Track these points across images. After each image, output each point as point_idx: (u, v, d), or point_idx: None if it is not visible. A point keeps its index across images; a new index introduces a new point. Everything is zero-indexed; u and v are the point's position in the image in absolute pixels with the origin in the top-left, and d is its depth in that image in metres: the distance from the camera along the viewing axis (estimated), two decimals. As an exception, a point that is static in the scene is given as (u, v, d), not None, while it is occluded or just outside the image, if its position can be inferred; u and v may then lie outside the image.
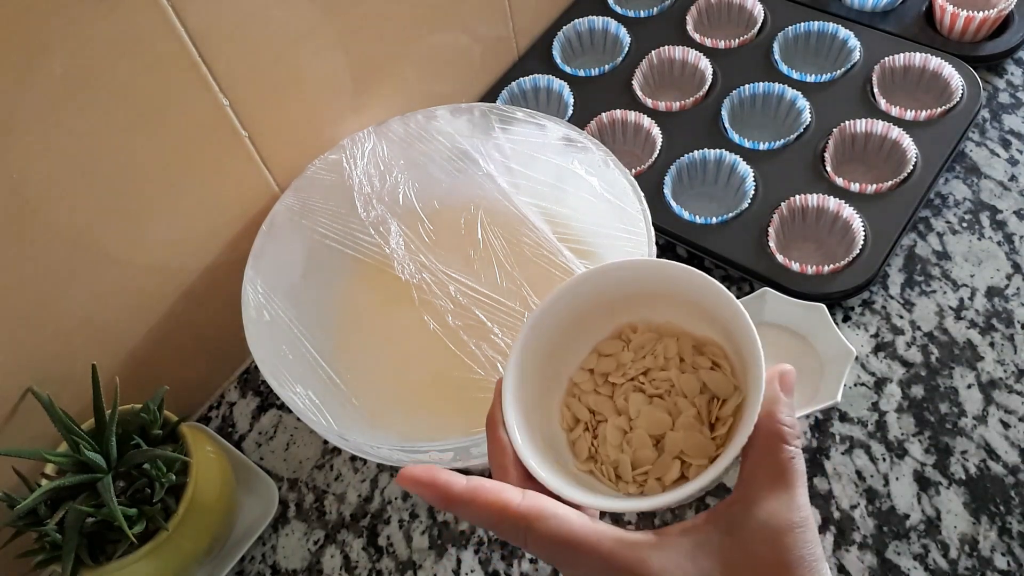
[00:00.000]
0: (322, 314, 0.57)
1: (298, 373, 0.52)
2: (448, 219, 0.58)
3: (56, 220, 0.48)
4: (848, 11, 0.77)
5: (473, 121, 0.61)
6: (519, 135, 0.60)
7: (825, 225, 0.64)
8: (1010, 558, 0.50)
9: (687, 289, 0.37)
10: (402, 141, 0.61)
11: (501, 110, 0.60)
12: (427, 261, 0.55)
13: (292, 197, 0.59)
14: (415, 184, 0.59)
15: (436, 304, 0.53)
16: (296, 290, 0.57)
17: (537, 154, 0.59)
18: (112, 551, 0.49)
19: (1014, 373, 0.57)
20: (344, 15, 0.59)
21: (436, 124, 0.61)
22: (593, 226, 0.56)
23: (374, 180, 0.59)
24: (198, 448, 0.52)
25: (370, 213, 0.58)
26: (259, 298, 0.55)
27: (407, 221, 0.58)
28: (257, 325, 0.54)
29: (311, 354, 0.54)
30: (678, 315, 0.38)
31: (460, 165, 0.60)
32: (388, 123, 0.61)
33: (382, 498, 0.59)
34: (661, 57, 0.76)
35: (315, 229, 0.58)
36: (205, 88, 0.52)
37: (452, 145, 0.61)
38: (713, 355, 0.37)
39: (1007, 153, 0.68)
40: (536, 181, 0.59)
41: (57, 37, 0.43)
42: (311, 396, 0.50)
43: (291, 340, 0.54)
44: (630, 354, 0.38)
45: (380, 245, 0.56)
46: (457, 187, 0.60)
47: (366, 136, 0.61)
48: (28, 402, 0.51)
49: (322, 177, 0.60)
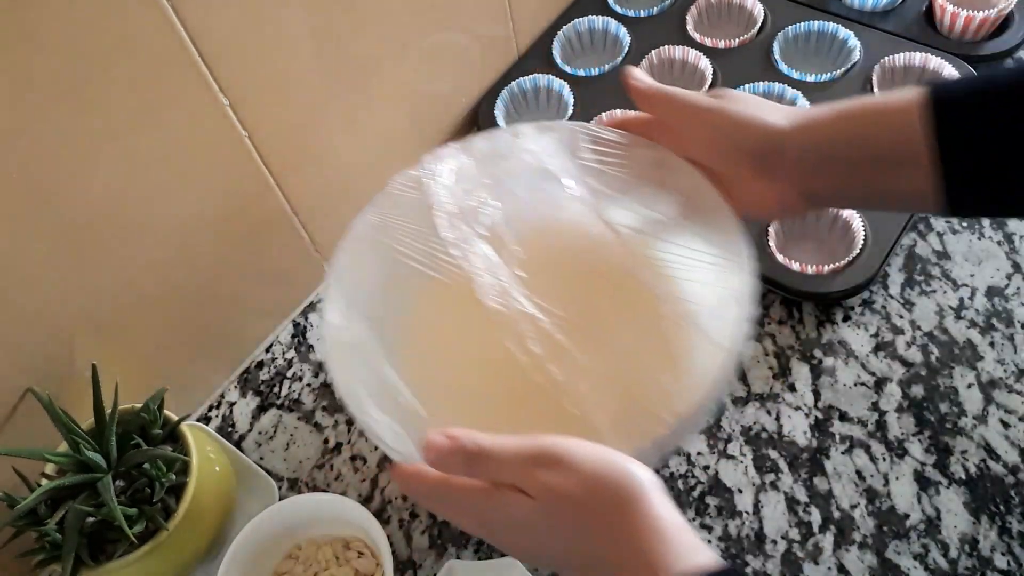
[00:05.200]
0: (402, 336, 0.54)
1: (378, 398, 0.49)
2: (533, 242, 0.54)
3: (56, 220, 0.48)
4: (848, 11, 0.77)
5: (560, 140, 0.57)
6: (608, 157, 0.56)
7: (825, 224, 0.64)
8: (1010, 558, 0.50)
9: (331, 510, 0.55)
10: (486, 159, 0.57)
11: (590, 129, 0.56)
12: (510, 286, 0.52)
13: (372, 212, 0.56)
14: (499, 204, 0.56)
15: (520, 331, 0.50)
16: (376, 310, 0.54)
17: (626, 177, 0.55)
18: (112, 551, 0.49)
19: (1014, 373, 0.57)
20: (344, 15, 0.59)
21: (521, 142, 0.58)
22: (685, 253, 0.53)
23: (457, 199, 0.56)
24: (198, 448, 0.52)
25: (452, 233, 0.55)
26: (339, 317, 0.52)
27: (490, 243, 0.54)
28: (338, 344, 0.51)
29: (392, 379, 0.50)
30: (331, 527, 0.56)
31: (546, 186, 0.56)
32: (471, 139, 0.58)
33: (382, 498, 0.59)
34: (661, 57, 0.76)
35: (395, 247, 0.55)
36: (204, 87, 0.52)
37: (538, 164, 0.57)
38: (358, 547, 0.55)
39: (1007, 153, 0.68)
40: (625, 205, 0.55)
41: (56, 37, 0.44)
42: (392, 424, 0.47)
43: (371, 363, 0.51)
44: (301, 566, 0.55)
45: (462, 267, 0.53)
46: (543, 209, 0.56)
47: (449, 152, 0.58)
48: (28, 402, 0.51)
49: (403, 193, 0.57)
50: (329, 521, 0.56)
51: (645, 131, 0.53)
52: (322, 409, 0.64)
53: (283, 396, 0.65)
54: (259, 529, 0.53)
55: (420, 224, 0.56)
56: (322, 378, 0.66)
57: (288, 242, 0.65)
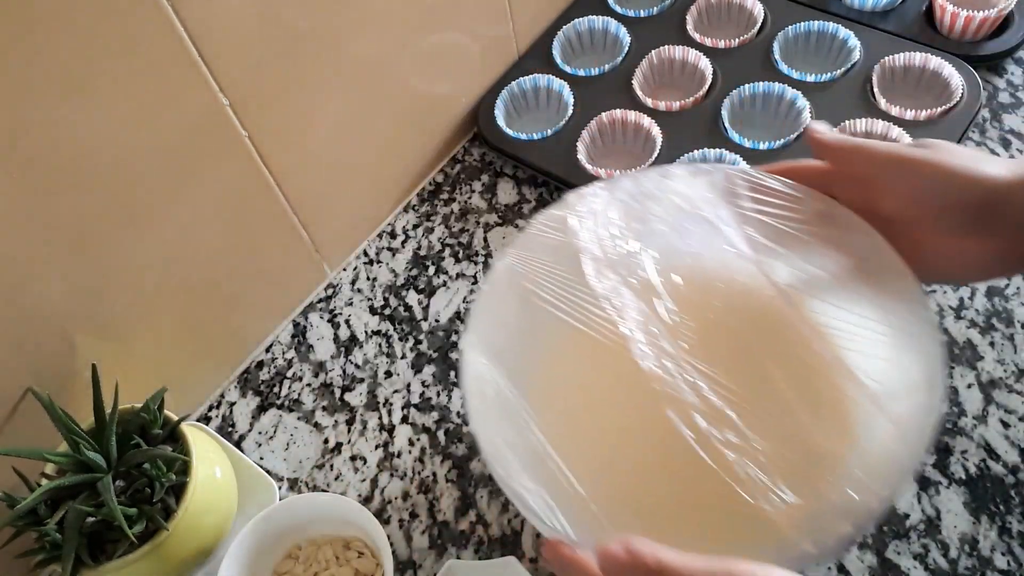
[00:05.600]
0: (544, 392, 0.49)
1: (526, 463, 0.45)
2: (691, 299, 0.49)
3: (56, 220, 0.48)
4: (848, 11, 0.77)
5: (714, 183, 0.52)
6: (770, 207, 0.51)
7: None
8: (1010, 557, 0.51)
9: (331, 510, 0.55)
10: (633, 200, 0.53)
11: (749, 175, 0.51)
12: (669, 347, 0.47)
13: (513, 255, 0.52)
14: (652, 253, 0.50)
15: (683, 401, 0.45)
16: (519, 364, 0.49)
17: (792, 231, 0.50)
18: (112, 551, 0.49)
19: (1014, 373, 0.57)
20: (344, 15, 0.59)
21: (672, 184, 0.52)
22: (862, 323, 0.47)
23: (604, 244, 0.51)
24: (198, 448, 0.52)
25: (602, 282, 0.49)
26: (481, 368, 0.48)
27: (644, 296, 0.49)
28: (481, 399, 0.47)
29: (540, 442, 0.46)
30: (331, 527, 0.56)
31: (702, 235, 0.51)
32: (618, 179, 0.54)
33: (382, 497, 0.59)
34: (661, 57, 0.76)
35: (539, 294, 0.51)
36: (204, 87, 0.52)
37: (692, 210, 0.51)
38: (358, 547, 0.55)
39: (1007, 153, 0.68)
40: (790, 261, 0.49)
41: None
42: (544, 495, 0.43)
43: (516, 422, 0.46)
44: (301, 566, 0.55)
45: (614, 322, 0.48)
46: (699, 260, 0.50)
47: (594, 192, 0.53)
48: (28, 402, 0.51)
49: (546, 236, 0.52)
50: (329, 521, 0.56)
51: (819, 182, 0.48)
52: (322, 409, 0.64)
53: (283, 396, 0.65)
54: (259, 529, 0.53)
55: (565, 269, 0.51)
56: (322, 378, 0.66)
57: (288, 242, 0.65)
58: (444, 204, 0.74)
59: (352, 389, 0.65)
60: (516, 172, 0.76)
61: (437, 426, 0.62)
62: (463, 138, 0.78)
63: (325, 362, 0.67)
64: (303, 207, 0.64)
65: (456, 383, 0.64)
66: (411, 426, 0.62)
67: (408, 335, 0.67)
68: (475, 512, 0.57)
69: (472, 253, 0.71)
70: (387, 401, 0.64)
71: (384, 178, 0.72)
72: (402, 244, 0.72)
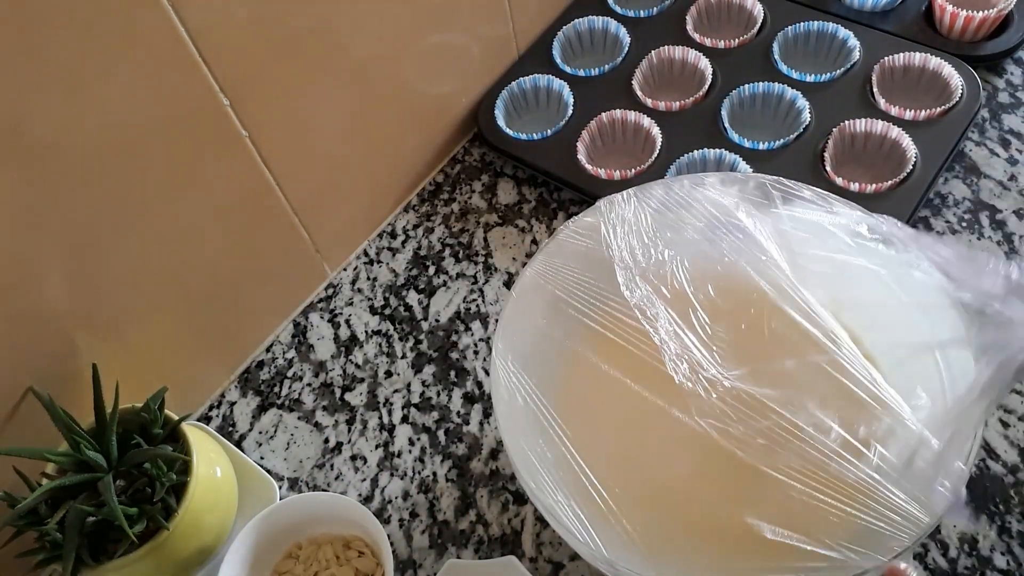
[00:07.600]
0: (579, 407, 0.49)
1: (557, 477, 0.44)
2: (726, 310, 0.48)
3: (56, 220, 0.48)
4: (848, 11, 0.77)
5: (746, 192, 0.51)
6: (805, 217, 0.50)
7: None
8: (1010, 557, 0.51)
9: (331, 510, 0.55)
10: (665, 208, 0.52)
11: (783, 185, 0.51)
12: (704, 360, 0.46)
13: (542, 262, 0.52)
14: (684, 263, 0.50)
15: (717, 415, 0.44)
16: (549, 375, 0.49)
17: (828, 243, 0.49)
18: (113, 550, 0.49)
19: (1014, 372, 0.57)
20: (344, 15, 0.59)
21: (704, 192, 0.52)
22: (899, 339, 0.48)
23: (636, 253, 0.50)
24: (199, 447, 0.52)
25: (634, 292, 0.49)
26: (511, 378, 0.48)
27: (676, 307, 0.48)
28: (509, 408, 0.47)
29: (573, 457, 0.45)
30: (331, 527, 0.56)
31: (735, 245, 0.50)
32: (648, 187, 0.53)
33: (382, 497, 0.59)
34: (661, 57, 0.76)
35: (570, 303, 0.51)
36: (204, 87, 0.52)
37: (725, 219, 0.51)
38: (358, 547, 0.55)
39: (1007, 153, 0.68)
40: (826, 276, 0.49)
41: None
42: (576, 510, 0.43)
43: (547, 436, 0.46)
44: (301, 565, 0.55)
45: (647, 333, 0.47)
46: (734, 271, 0.49)
47: (624, 200, 0.52)
48: (28, 402, 0.51)
49: (576, 243, 0.52)
50: (329, 521, 0.56)
51: None
52: (322, 409, 0.64)
53: (283, 396, 0.65)
54: (259, 529, 0.53)
55: (595, 277, 0.51)
56: (322, 378, 0.66)
57: (288, 242, 0.65)
58: (444, 204, 0.75)
59: (352, 389, 0.65)
60: (516, 172, 0.76)
61: (437, 426, 0.62)
62: (463, 138, 0.79)
63: (325, 362, 0.67)
64: (303, 207, 0.64)
65: (456, 383, 0.64)
66: (411, 426, 0.62)
67: (408, 335, 0.67)
68: (475, 512, 0.58)
69: (472, 253, 0.71)
70: (387, 401, 0.64)
71: (384, 178, 0.72)
72: (402, 244, 0.72)
